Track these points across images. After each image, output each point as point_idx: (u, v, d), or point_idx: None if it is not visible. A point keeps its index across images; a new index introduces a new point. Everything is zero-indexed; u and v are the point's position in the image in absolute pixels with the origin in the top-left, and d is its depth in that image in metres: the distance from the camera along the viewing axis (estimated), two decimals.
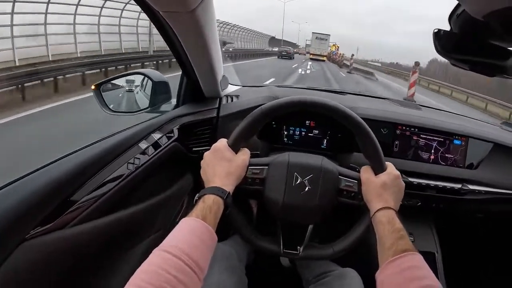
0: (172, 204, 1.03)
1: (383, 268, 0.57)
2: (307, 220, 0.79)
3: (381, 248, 0.62)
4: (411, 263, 0.55)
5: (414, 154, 1.09)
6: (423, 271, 0.55)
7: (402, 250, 0.57)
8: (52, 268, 0.64)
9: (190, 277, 0.50)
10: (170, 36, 0.86)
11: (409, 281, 0.52)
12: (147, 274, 0.47)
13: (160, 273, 0.47)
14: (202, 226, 0.57)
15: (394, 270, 0.55)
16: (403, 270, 0.54)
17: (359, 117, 0.74)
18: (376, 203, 0.68)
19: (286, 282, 1.17)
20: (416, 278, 0.53)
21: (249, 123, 0.74)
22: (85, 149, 0.74)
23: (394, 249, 0.58)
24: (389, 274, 0.56)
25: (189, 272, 0.50)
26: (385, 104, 1.31)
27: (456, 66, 0.53)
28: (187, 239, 0.54)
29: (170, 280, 0.46)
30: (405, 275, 0.54)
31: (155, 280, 0.45)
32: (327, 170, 0.76)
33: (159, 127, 0.93)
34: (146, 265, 0.49)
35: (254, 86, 1.37)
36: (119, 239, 0.81)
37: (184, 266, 0.49)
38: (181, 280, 0.47)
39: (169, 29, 0.82)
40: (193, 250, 0.52)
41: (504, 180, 1.08)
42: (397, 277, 0.54)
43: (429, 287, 0.51)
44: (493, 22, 0.42)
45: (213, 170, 0.69)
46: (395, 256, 0.56)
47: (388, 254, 0.58)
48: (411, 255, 0.56)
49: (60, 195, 0.65)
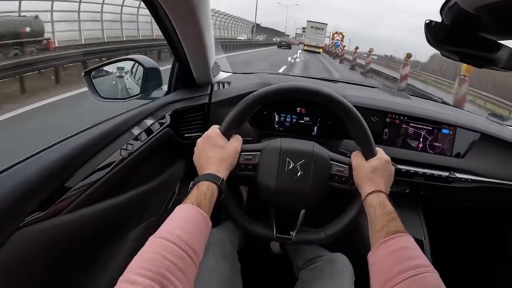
0: (165, 190, 1.04)
1: (374, 250, 0.58)
2: (299, 205, 0.80)
3: (372, 230, 0.63)
4: (402, 244, 0.56)
5: (403, 142, 1.11)
6: (414, 252, 0.55)
7: (393, 231, 0.58)
8: (47, 256, 0.64)
9: (188, 263, 0.50)
10: (163, 19, 0.84)
11: (401, 261, 0.53)
12: (145, 261, 0.47)
13: (158, 259, 0.47)
14: (197, 213, 0.58)
15: (385, 251, 0.56)
16: (394, 251, 0.55)
17: (347, 101, 0.75)
18: (367, 187, 0.70)
19: (276, 268, 1.19)
20: (407, 259, 0.54)
21: (241, 109, 0.74)
22: (78, 135, 0.74)
23: (385, 230, 0.59)
24: (381, 255, 0.57)
25: (186, 258, 0.50)
26: (376, 92, 1.32)
27: (446, 57, 0.53)
28: (183, 226, 0.54)
29: (168, 267, 0.46)
30: (396, 256, 0.55)
31: (154, 267, 0.45)
32: (319, 156, 0.77)
33: (151, 113, 0.93)
34: (144, 252, 0.49)
35: (245, 73, 1.36)
36: (112, 226, 0.81)
37: (181, 252, 0.50)
38: (179, 266, 0.48)
39: (162, 12, 0.81)
40: (189, 236, 0.53)
41: (490, 169, 1.11)
42: (388, 258, 0.55)
43: (419, 267, 0.51)
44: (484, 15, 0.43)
45: (206, 157, 0.70)
46: (386, 238, 0.57)
47: (379, 236, 0.59)
48: (402, 236, 0.57)
49: (53, 182, 0.65)
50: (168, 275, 0.46)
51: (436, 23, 0.50)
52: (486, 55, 0.52)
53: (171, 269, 0.47)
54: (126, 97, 1.10)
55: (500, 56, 0.52)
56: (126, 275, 0.45)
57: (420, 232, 1.23)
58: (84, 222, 0.71)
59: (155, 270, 0.45)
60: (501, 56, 0.52)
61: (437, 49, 0.51)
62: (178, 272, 0.47)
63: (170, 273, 0.46)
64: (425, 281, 0.50)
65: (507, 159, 1.14)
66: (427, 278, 0.50)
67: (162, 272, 0.45)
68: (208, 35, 0.93)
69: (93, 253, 0.78)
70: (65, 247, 0.68)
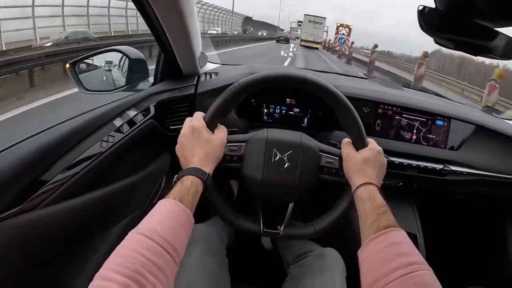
0: (150, 183, 1.01)
1: (365, 245, 0.56)
2: (287, 198, 0.78)
3: (363, 225, 0.60)
4: (394, 239, 0.54)
5: (396, 134, 1.09)
6: (407, 248, 0.53)
7: (384, 226, 0.56)
8: (23, 251, 0.62)
9: (166, 260, 0.48)
10: (146, 8, 0.82)
11: (393, 258, 0.51)
12: (122, 258, 0.45)
13: (135, 256, 0.45)
14: (179, 208, 0.56)
15: (377, 247, 0.54)
16: (386, 247, 0.53)
17: (341, 92, 0.72)
18: (357, 179, 0.67)
19: (267, 264, 1.18)
20: (399, 255, 0.51)
21: (226, 98, 0.71)
22: (55, 127, 0.71)
23: (376, 225, 0.57)
24: (372, 251, 0.54)
25: (164, 255, 0.48)
26: (367, 83, 1.30)
27: (440, 45, 0.51)
28: (163, 221, 0.52)
29: (145, 264, 0.45)
30: (389, 252, 0.52)
31: (130, 264, 0.44)
32: (307, 146, 0.74)
33: (134, 104, 0.90)
34: (121, 248, 0.47)
35: (234, 64, 1.33)
36: (94, 220, 0.79)
37: (159, 249, 0.48)
38: (156, 263, 0.46)
39: (145, 1, 0.78)
40: (169, 233, 0.51)
41: (485, 162, 1.09)
42: (380, 254, 0.53)
43: (413, 264, 0.49)
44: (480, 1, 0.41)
45: (191, 151, 0.67)
46: (377, 233, 0.55)
47: (370, 231, 0.57)
48: (394, 231, 0.55)
49: (29, 175, 0.62)
50: (145, 272, 0.44)
51: (430, 8, 0.47)
52: (482, 43, 0.50)
53: (148, 267, 0.45)
54: (112, 89, 1.06)
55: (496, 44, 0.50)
56: (102, 272, 0.44)
57: (414, 226, 1.22)
58: (64, 216, 0.69)
59: (131, 268, 0.43)
60: (497, 44, 0.50)
61: (431, 36, 0.48)
62: (156, 269, 0.46)
63: (147, 270, 0.44)
64: (419, 279, 0.47)
65: (502, 152, 1.12)
66: (421, 276, 0.48)
67: (139, 269, 0.44)
68: (192, 25, 0.91)
69: (73, 248, 0.75)
70: (43, 242, 0.66)
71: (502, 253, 1.34)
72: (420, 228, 1.22)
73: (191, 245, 0.84)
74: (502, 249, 1.35)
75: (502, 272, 1.35)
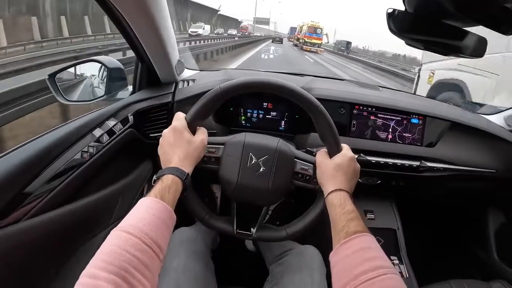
0: (132, 191, 1.01)
1: (335, 250, 0.58)
2: (260, 202, 0.79)
3: (333, 230, 0.62)
4: (362, 245, 0.56)
5: (372, 134, 1.11)
6: (374, 252, 0.55)
7: (353, 232, 0.57)
8: (8, 264, 0.62)
9: (150, 256, 0.49)
10: (117, 16, 0.81)
11: (360, 263, 0.52)
12: (107, 255, 0.45)
13: (120, 253, 0.45)
14: (160, 206, 0.56)
15: (346, 252, 0.55)
16: (354, 252, 0.55)
17: (314, 98, 0.73)
18: (329, 185, 0.68)
19: (251, 266, 1.19)
20: (366, 260, 0.53)
21: (208, 100, 0.71)
22: (35, 141, 0.71)
23: (345, 231, 0.58)
24: (341, 256, 0.56)
25: (148, 251, 0.49)
26: (344, 84, 1.32)
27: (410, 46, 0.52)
28: (145, 218, 0.52)
29: (130, 260, 0.45)
30: (356, 257, 0.54)
31: (115, 260, 0.44)
32: (283, 152, 0.76)
33: (113, 114, 0.90)
34: (105, 246, 0.47)
35: (211, 70, 1.34)
36: (77, 230, 0.79)
37: (143, 245, 0.48)
38: (141, 259, 0.47)
39: (115, 9, 0.78)
40: (151, 229, 0.51)
41: (461, 157, 1.12)
42: (348, 259, 0.54)
43: (379, 268, 0.50)
44: (446, 2, 0.41)
45: (172, 151, 0.68)
46: (346, 238, 0.57)
47: (339, 236, 0.58)
48: (362, 237, 0.56)
49: (14, 187, 0.63)
50: (131, 269, 0.44)
51: (399, 11, 0.48)
52: (451, 43, 0.51)
53: (134, 263, 0.45)
54: (92, 99, 1.06)
55: (466, 43, 0.51)
56: (88, 269, 0.44)
57: (394, 222, 1.24)
58: (47, 227, 0.69)
59: (117, 264, 0.44)
60: (467, 44, 0.51)
61: (401, 38, 0.49)
62: (141, 266, 0.46)
63: (133, 267, 0.45)
64: (385, 283, 0.49)
65: (477, 146, 1.15)
66: (387, 280, 0.49)
67: (125, 266, 0.44)
68: (166, 31, 0.91)
69: (57, 259, 0.75)
70: (27, 254, 0.66)
71: (482, 245, 1.38)
72: (400, 223, 1.24)
73: (177, 248, 0.85)
74: (481, 241, 1.38)
75: (481, 263, 1.38)
